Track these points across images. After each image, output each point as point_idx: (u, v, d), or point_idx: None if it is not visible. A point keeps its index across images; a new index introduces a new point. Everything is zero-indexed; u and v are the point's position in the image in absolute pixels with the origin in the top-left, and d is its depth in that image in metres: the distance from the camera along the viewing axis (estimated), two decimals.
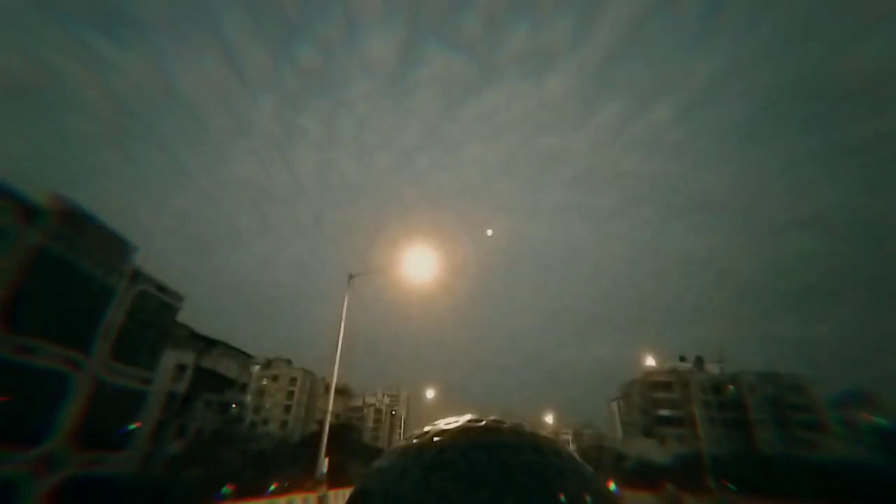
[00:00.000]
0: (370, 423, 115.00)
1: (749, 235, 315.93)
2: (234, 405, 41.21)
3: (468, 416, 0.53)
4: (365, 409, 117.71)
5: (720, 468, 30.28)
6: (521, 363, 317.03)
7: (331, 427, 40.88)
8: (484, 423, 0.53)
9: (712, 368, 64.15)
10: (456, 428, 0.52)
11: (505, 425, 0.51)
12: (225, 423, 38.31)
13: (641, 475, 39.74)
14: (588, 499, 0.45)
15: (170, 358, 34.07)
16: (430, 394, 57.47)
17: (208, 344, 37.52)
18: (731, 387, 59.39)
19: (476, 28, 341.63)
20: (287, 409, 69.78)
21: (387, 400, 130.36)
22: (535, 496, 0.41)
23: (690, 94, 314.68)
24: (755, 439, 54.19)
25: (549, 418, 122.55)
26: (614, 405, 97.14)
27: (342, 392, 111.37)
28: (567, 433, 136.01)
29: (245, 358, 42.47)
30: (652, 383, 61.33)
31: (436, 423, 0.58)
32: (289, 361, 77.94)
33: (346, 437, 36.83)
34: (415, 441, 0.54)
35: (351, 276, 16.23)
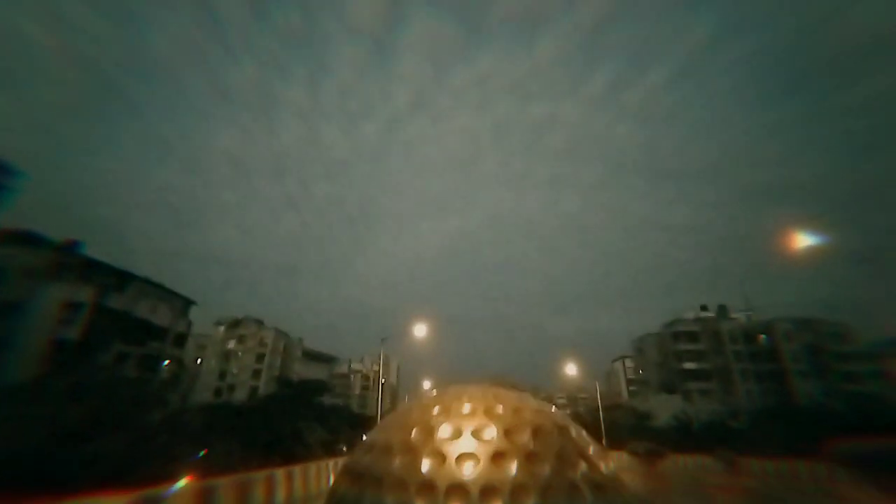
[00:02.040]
0: (357, 391, 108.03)
1: (739, 203, 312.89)
2: (166, 361, 31.75)
3: (473, 418, 0.42)
4: (352, 377, 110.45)
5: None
6: (511, 333, 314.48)
7: (291, 386, 31.73)
8: (505, 441, 0.40)
9: (738, 318, 57.10)
10: (475, 484, 0.38)
11: (531, 444, 0.39)
12: (150, 384, 28.94)
13: (686, 436, 32.15)
14: None
15: (53, 293, 24.08)
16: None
17: (120, 278, 27.54)
18: (763, 336, 52.45)
19: None
20: (257, 374, 61.05)
21: (375, 368, 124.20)
22: None
23: (684, 58, 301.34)
24: (793, 392, 47.62)
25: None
26: (618, 364, 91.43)
27: (326, 358, 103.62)
28: (562, 397, 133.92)
29: (180, 302, 32.68)
30: (675, 334, 54.02)
31: (429, 418, 0.46)
32: (260, 322, 68.56)
33: (309, 398, 27.94)
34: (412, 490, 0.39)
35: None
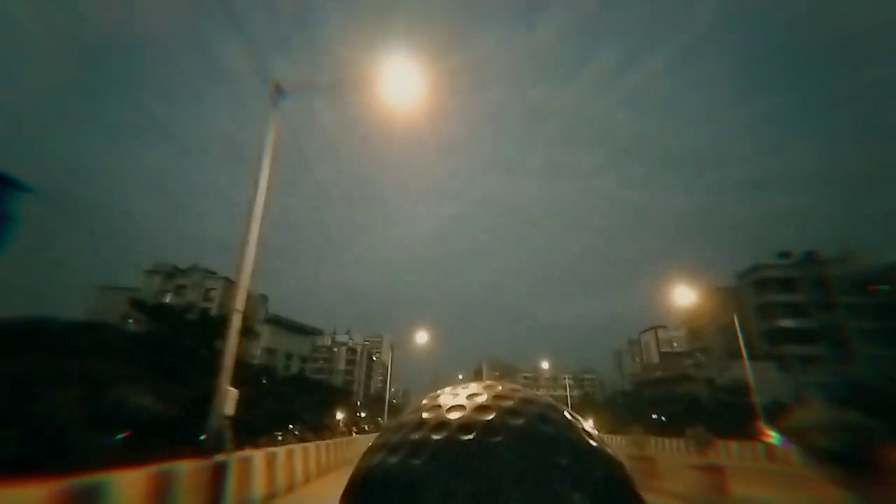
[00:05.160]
0: (342, 366, 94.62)
1: (737, 191, 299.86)
2: None
3: (471, 389, 0.42)
4: (335, 350, 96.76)
5: None
6: (509, 319, 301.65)
7: (165, 317, 17.06)
8: (492, 400, 0.40)
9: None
10: (456, 422, 0.38)
11: (516, 405, 0.38)
12: None
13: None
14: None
15: None
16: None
17: None
18: (882, 286, 38.39)
19: None
20: None
21: (365, 342, 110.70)
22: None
23: (683, 43, 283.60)
24: None
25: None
26: (648, 336, 77.86)
27: (306, 329, 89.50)
28: (566, 377, 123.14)
29: None
30: (759, 282, 39.73)
31: (436, 395, 0.44)
32: (210, 272, 53.81)
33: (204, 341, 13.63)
34: (410, 430, 0.40)
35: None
